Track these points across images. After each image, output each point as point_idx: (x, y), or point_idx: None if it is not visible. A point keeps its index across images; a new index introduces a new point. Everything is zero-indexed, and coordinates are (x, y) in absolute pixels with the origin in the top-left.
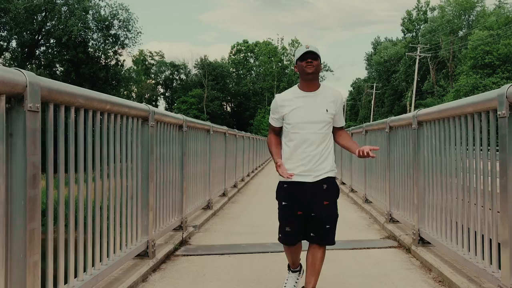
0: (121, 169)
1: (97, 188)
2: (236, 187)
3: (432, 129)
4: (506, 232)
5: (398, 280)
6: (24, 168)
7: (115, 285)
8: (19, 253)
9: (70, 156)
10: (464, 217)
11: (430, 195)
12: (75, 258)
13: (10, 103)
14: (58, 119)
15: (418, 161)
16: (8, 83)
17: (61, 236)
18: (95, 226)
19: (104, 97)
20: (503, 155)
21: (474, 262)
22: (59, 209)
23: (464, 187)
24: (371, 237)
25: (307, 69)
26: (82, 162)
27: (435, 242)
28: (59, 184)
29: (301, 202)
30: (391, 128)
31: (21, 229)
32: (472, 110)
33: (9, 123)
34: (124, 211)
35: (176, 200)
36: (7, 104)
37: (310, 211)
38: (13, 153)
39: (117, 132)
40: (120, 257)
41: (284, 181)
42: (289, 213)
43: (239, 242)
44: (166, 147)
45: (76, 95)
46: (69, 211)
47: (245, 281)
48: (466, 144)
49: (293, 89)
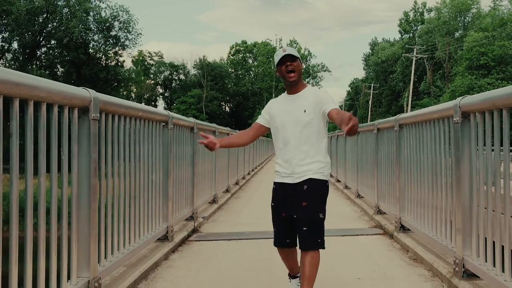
0: (148, 166)
1: (131, 181)
2: (238, 184)
3: (410, 132)
4: (459, 217)
5: (380, 259)
6: (88, 162)
7: (144, 260)
8: (85, 226)
9: (115, 154)
10: (434, 206)
11: (408, 188)
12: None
13: (79, 114)
14: (112, 124)
15: (399, 159)
16: (79, 98)
17: (108, 220)
18: (131, 213)
19: (138, 106)
20: (457, 153)
21: (440, 241)
22: (108, 199)
23: (432, 180)
24: (360, 227)
25: (287, 72)
26: (122, 159)
27: (413, 228)
28: (107, 178)
29: (284, 203)
30: (378, 130)
31: (86, 209)
32: (437, 116)
33: (78, 128)
34: (150, 201)
35: (188, 193)
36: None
37: (292, 213)
38: (80, 151)
39: (146, 134)
40: (147, 238)
41: (275, 181)
42: (275, 214)
43: (243, 230)
44: (180, 147)
45: (121, 106)
46: (114, 201)
47: (250, 259)
48: (433, 143)
49: (283, 94)
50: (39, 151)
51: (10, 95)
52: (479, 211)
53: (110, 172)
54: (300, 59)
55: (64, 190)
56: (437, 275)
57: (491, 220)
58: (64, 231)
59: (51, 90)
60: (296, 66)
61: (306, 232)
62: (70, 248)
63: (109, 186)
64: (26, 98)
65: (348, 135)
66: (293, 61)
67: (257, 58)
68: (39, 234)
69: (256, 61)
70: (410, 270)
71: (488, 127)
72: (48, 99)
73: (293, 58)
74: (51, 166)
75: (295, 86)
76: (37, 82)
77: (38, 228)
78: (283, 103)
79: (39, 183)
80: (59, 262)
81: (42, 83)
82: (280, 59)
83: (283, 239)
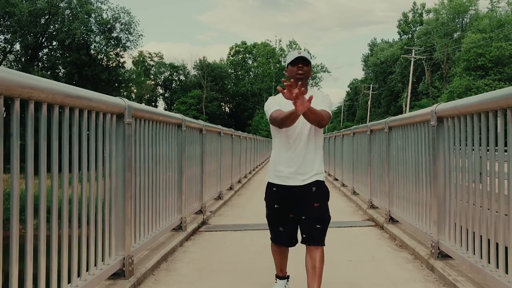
0: (166, 163)
1: (154, 177)
2: (240, 182)
3: (397, 133)
4: (435, 207)
5: (370, 246)
6: (123, 159)
7: (163, 246)
8: (119, 213)
9: (142, 153)
10: (416, 198)
11: (396, 184)
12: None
13: (116, 119)
14: (140, 127)
15: (389, 158)
16: (117, 106)
17: (137, 209)
18: (153, 204)
19: (159, 112)
20: (433, 152)
21: (421, 229)
22: (137, 194)
23: (415, 176)
24: (355, 220)
25: (297, 74)
26: (147, 158)
27: (400, 220)
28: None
29: (291, 205)
30: (371, 131)
31: (121, 198)
32: (419, 120)
33: (116, 131)
34: (167, 195)
35: (197, 190)
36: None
37: (301, 214)
38: (117, 150)
39: (164, 136)
40: (165, 227)
41: (273, 183)
42: (279, 215)
43: (247, 223)
44: (192, 147)
45: (146, 111)
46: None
47: (254, 246)
48: (416, 144)
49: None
50: (89, 151)
51: (74, 106)
52: (451, 201)
53: (138, 169)
54: (311, 66)
55: (106, 182)
56: (418, 257)
57: (461, 209)
58: (106, 217)
59: (100, 101)
60: (307, 71)
61: (320, 230)
62: (110, 231)
63: (137, 181)
64: (83, 109)
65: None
66: (306, 65)
67: (257, 59)
68: (90, 219)
69: (256, 62)
70: (396, 254)
71: (457, 129)
72: (97, 108)
73: (306, 62)
74: (97, 162)
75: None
76: (91, 95)
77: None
78: (289, 103)
79: (89, 177)
80: (103, 242)
81: (94, 96)
82: (294, 60)
83: (289, 239)
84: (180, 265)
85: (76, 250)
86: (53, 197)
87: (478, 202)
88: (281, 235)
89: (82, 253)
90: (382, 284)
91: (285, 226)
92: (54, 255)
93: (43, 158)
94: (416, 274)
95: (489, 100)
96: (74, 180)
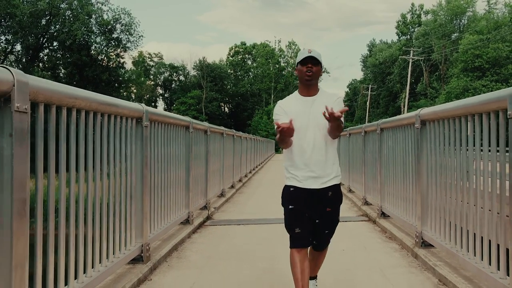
0: (176, 162)
1: (166, 174)
2: (241, 181)
3: (388, 134)
4: (419, 201)
5: (363, 238)
6: (141, 158)
7: (173, 237)
8: (138, 205)
9: (157, 153)
10: (404, 194)
11: (387, 181)
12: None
13: (136, 123)
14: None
15: (380, 157)
16: (136, 111)
17: (152, 202)
18: (165, 199)
19: (170, 115)
20: (418, 152)
21: (408, 221)
22: (152, 189)
23: (401, 174)
24: (350, 215)
25: (306, 75)
26: (161, 157)
27: (391, 214)
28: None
29: (308, 207)
30: (365, 132)
31: (139, 194)
32: (406, 123)
33: (135, 133)
34: (177, 191)
35: (202, 187)
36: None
37: (315, 217)
38: (136, 150)
39: (174, 137)
40: (175, 219)
41: (290, 185)
42: (297, 216)
43: (249, 218)
44: (197, 147)
45: (162, 115)
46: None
47: (257, 238)
48: (403, 145)
49: (293, 95)
50: (115, 151)
51: (105, 112)
52: (433, 196)
53: (153, 167)
54: (322, 65)
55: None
56: (405, 247)
57: (440, 203)
58: (128, 209)
59: (124, 107)
60: (316, 71)
61: (327, 235)
62: (131, 221)
63: (152, 178)
64: (111, 114)
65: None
66: (315, 65)
67: (256, 60)
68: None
69: (255, 63)
70: (385, 244)
71: (437, 132)
72: (122, 113)
73: (316, 62)
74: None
75: (311, 88)
76: (118, 102)
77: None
78: (299, 105)
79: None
80: (126, 231)
81: (120, 102)
82: (303, 59)
83: (307, 238)
84: (189, 254)
85: (105, 238)
86: (88, 193)
87: (453, 196)
88: (299, 236)
89: (109, 240)
90: (371, 269)
91: (301, 226)
92: (89, 241)
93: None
94: (402, 261)
95: (461, 107)
96: (103, 176)
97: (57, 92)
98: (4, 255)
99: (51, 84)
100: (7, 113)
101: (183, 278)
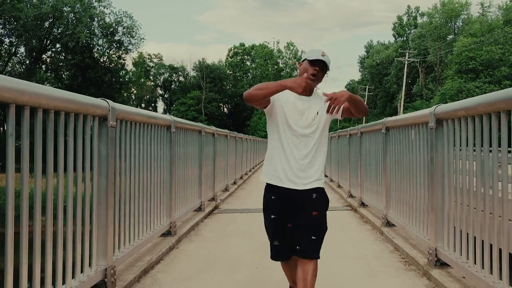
0: (191, 161)
1: (185, 170)
2: (242, 178)
3: (366, 137)
4: (383, 194)
5: (344, 222)
6: (170, 157)
7: (190, 220)
8: (167, 193)
9: (181, 153)
10: (375, 188)
11: (366, 176)
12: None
13: (166, 130)
14: (177, 135)
15: (360, 156)
16: (166, 121)
17: (178, 191)
18: (185, 191)
19: (190, 122)
20: (383, 152)
21: (378, 208)
22: (176, 182)
23: (375, 170)
24: (336, 206)
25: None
26: (182, 156)
27: (369, 204)
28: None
29: (289, 213)
30: (350, 135)
31: (168, 184)
32: (377, 128)
33: (166, 138)
34: (192, 184)
35: (211, 182)
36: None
37: (298, 222)
38: (166, 151)
39: (191, 140)
40: (191, 207)
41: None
42: (277, 226)
43: (251, 208)
44: (207, 148)
45: (182, 123)
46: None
47: (258, 221)
48: (375, 145)
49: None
50: (152, 153)
51: (143, 122)
52: (392, 186)
53: (177, 165)
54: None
55: (161, 174)
56: (375, 228)
57: (394, 190)
58: (160, 196)
59: (159, 118)
60: (320, 77)
61: (314, 242)
62: (164, 204)
63: (176, 173)
64: (150, 124)
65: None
66: (322, 70)
67: (255, 60)
68: (152, 196)
69: (254, 63)
70: (361, 226)
71: (397, 136)
72: (158, 123)
73: (324, 68)
74: (157, 161)
75: (311, 87)
76: (156, 115)
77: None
78: (293, 100)
79: (154, 169)
80: (161, 211)
81: (158, 115)
82: (314, 60)
83: (287, 252)
84: (204, 232)
85: (143, 214)
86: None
87: (406, 189)
88: (279, 249)
89: (151, 217)
90: (345, 243)
91: (281, 239)
92: (136, 218)
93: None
94: (370, 237)
95: (418, 116)
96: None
97: (129, 113)
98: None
99: (125, 107)
100: (105, 128)
101: (202, 247)
